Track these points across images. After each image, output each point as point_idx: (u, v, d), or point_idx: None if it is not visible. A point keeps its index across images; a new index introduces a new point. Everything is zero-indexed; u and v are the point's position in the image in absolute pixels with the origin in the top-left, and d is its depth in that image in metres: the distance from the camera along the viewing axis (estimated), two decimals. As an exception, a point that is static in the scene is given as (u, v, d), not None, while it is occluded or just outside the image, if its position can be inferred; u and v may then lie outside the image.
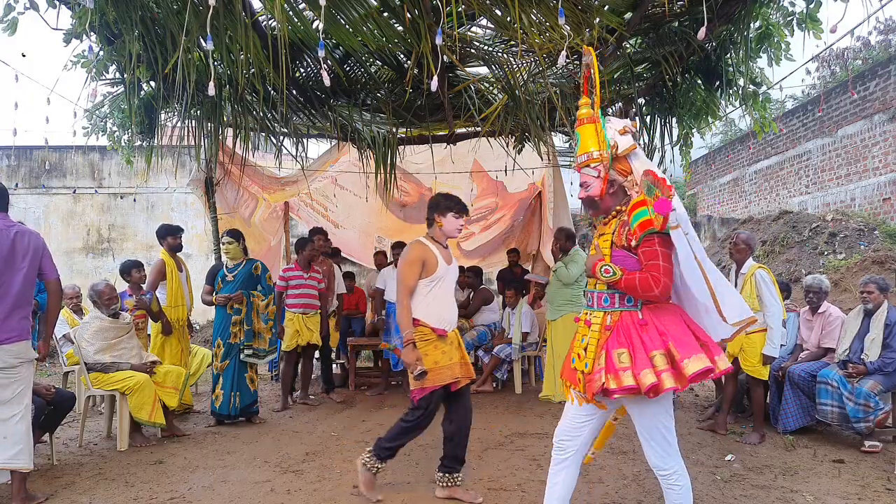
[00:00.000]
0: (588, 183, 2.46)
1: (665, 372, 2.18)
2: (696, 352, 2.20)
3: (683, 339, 2.23)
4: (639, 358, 2.22)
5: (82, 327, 4.62)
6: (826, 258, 8.98)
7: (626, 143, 2.40)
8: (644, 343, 2.24)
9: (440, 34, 2.79)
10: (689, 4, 4.16)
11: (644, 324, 2.28)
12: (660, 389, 2.18)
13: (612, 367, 2.25)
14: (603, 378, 2.25)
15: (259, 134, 5.55)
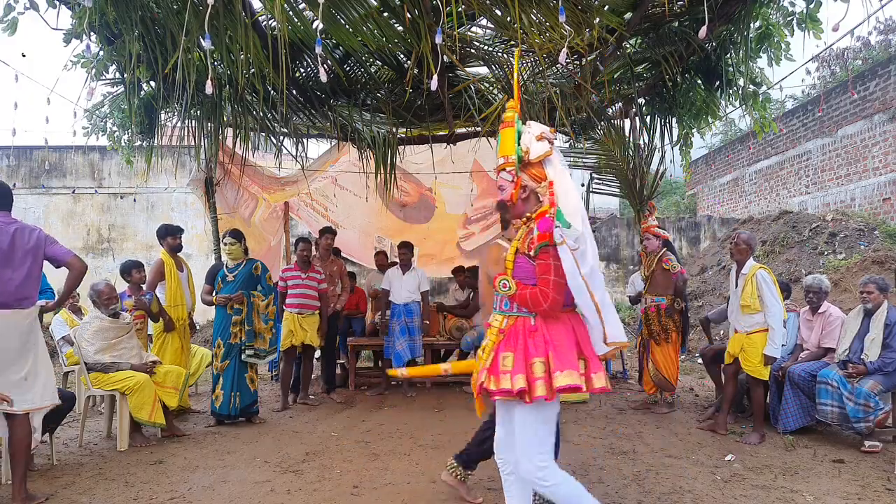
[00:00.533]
0: (503, 187, 2.47)
1: (540, 380, 2.21)
2: (571, 367, 2.22)
3: (564, 351, 2.26)
4: (518, 363, 2.26)
5: (82, 327, 4.61)
6: (826, 258, 8.98)
7: (541, 149, 2.39)
8: (528, 349, 2.28)
9: (440, 34, 2.80)
10: (689, 4, 4.17)
11: (534, 330, 2.31)
12: (531, 395, 2.21)
13: (496, 369, 2.30)
14: (484, 378, 2.32)
15: (259, 134, 5.55)
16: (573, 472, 3.81)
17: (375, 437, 4.68)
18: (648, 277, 5.54)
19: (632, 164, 5.93)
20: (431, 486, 3.58)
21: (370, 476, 3.79)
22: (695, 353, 8.08)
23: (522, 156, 2.41)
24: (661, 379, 5.39)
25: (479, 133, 5.90)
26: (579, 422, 5.15)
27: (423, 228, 8.48)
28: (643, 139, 5.85)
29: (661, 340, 5.34)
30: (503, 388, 2.25)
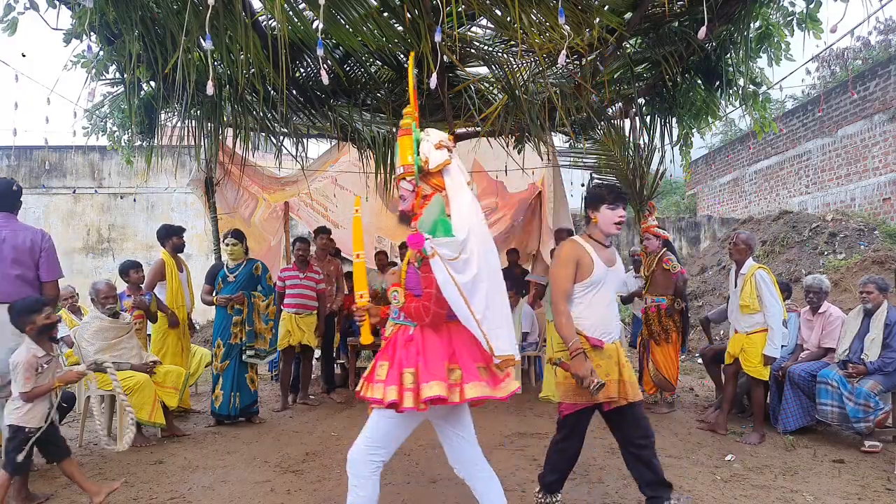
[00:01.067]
0: (404, 196, 2.44)
1: (409, 391, 2.22)
2: (438, 378, 2.21)
3: (433, 362, 2.24)
4: (392, 373, 2.27)
5: (82, 327, 4.61)
6: (826, 258, 8.98)
7: (440, 157, 2.36)
8: (401, 360, 2.28)
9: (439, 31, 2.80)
10: (689, 4, 4.17)
11: (410, 340, 2.31)
12: (399, 407, 2.23)
13: (372, 376, 2.34)
14: (362, 383, 2.36)
15: (259, 134, 5.55)
16: (573, 472, 3.81)
17: (375, 437, 4.68)
18: (648, 277, 5.54)
19: (632, 164, 5.93)
20: (431, 486, 3.58)
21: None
22: (695, 353, 8.08)
23: (422, 165, 2.37)
24: (661, 379, 5.39)
25: (479, 133, 5.90)
26: (579, 422, 5.15)
27: (423, 228, 8.48)
28: (643, 139, 5.85)
29: (662, 340, 5.34)
30: (373, 398, 2.29)
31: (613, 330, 2.93)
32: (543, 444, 4.42)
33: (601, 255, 2.91)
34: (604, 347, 2.85)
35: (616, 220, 2.91)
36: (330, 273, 6.26)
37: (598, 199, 2.92)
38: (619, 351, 2.91)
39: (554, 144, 6.66)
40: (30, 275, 3.42)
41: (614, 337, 2.93)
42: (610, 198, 2.89)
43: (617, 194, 2.92)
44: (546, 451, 3.13)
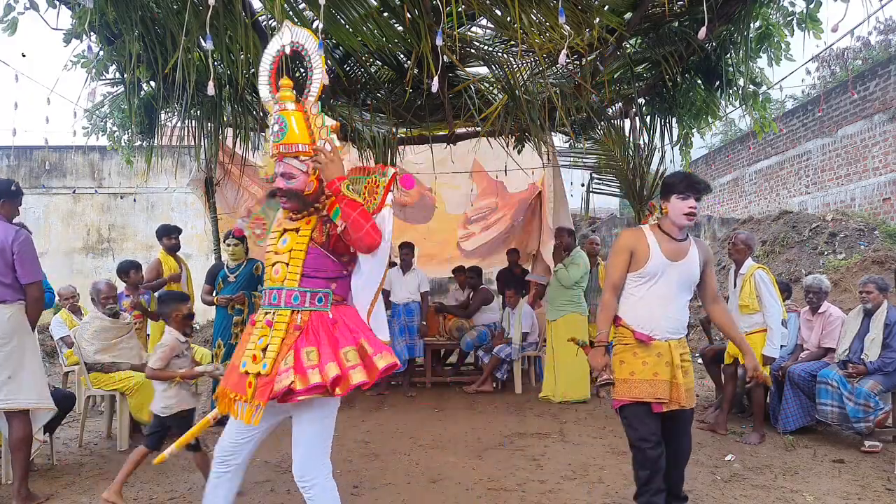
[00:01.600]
0: (292, 174, 2.26)
1: (356, 367, 2.14)
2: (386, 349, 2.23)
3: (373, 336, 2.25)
4: (324, 354, 2.16)
5: (82, 327, 4.61)
6: (826, 258, 8.98)
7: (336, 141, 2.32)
8: (336, 340, 2.19)
9: (440, 34, 2.80)
10: (689, 4, 4.17)
11: (334, 322, 2.24)
12: (346, 384, 2.12)
13: (301, 366, 2.13)
14: (291, 378, 2.10)
15: (259, 134, 5.55)
16: (573, 471, 3.82)
17: (375, 437, 4.68)
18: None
19: (632, 164, 5.93)
20: (431, 486, 3.58)
21: (370, 476, 3.79)
22: (695, 353, 8.08)
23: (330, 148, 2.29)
24: (661, 379, 5.38)
25: (479, 133, 5.91)
26: (579, 422, 5.15)
27: (423, 228, 8.48)
28: (643, 139, 5.85)
29: (662, 340, 5.34)
30: (312, 385, 2.09)
31: (671, 328, 2.78)
32: (544, 444, 4.44)
33: (664, 247, 2.78)
34: (650, 344, 2.73)
35: (686, 210, 2.74)
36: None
37: (669, 189, 2.80)
38: (672, 352, 2.76)
39: (554, 144, 6.66)
40: (6, 279, 3.29)
41: (671, 336, 2.78)
42: (681, 187, 2.75)
43: (689, 183, 2.75)
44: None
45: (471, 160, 7.31)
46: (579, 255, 5.97)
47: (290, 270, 2.25)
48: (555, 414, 5.41)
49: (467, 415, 5.47)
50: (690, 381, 2.83)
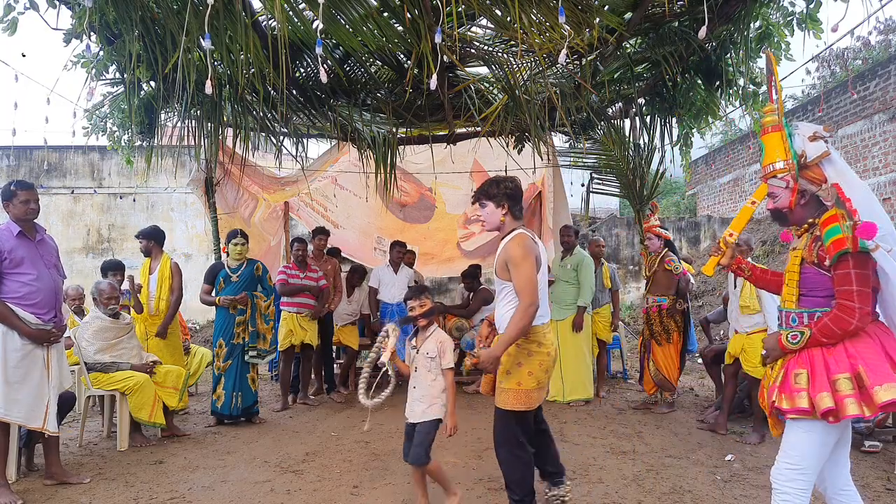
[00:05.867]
0: (776, 194, 2.29)
1: (849, 398, 2.02)
2: (891, 379, 2.00)
3: (876, 364, 2.05)
4: (818, 381, 2.08)
5: (82, 327, 4.62)
6: (826, 258, 8.97)
7: (817, 150, 2.22)
8: (828, 365, 2.10)
9: (439, 32, 2.80)
10: (689, 4, 4.17)
11: (832, 345, 2.12)
12: (839, 415, 2.03)
13: (787, 386, 2.16)
14: (775, 396, 2.18)
15: (259, 134, 5.55)
16: (573, 471, 3.81)
17: (375, 437, 4.68)
18: (650, 277, 5.55)
19: (632, 164, 5.93)
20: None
21: (370, 476, 3.79)
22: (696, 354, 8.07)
23: (798, 160, 2.24)
24: (661, 379, 5.40)
25: (479, 133, 5.90)
26: (579, 422, 5.15)
27: (423, 228, 8.48)
28: (643, 139, 5.85)
29: (663, 340, 5.35)
30: (799, 408, 2.09)
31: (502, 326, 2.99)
32: (543, 444, 4.43)
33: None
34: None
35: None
36: (327, 273, 6.26)
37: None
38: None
39: (554, 144, 6.65)
40: None
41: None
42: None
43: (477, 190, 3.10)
44: None
45: (471, 160, 7.31)
46: (588, 258, 5.93)
47: (787, 291, 2.27)
48: (555, 414, 5.40)
49: (467, 415, 5.46)
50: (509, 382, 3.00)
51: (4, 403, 3.34)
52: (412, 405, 3.12)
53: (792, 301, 2.26)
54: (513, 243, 2.94)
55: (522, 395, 2.92)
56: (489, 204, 3.03)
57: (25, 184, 3.55)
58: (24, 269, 3.43)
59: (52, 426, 3.52)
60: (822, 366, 2.10)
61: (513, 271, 2.87)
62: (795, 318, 2.23)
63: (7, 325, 3.37)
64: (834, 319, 2.08)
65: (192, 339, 7.98)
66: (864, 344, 2.09)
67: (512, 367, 2.91)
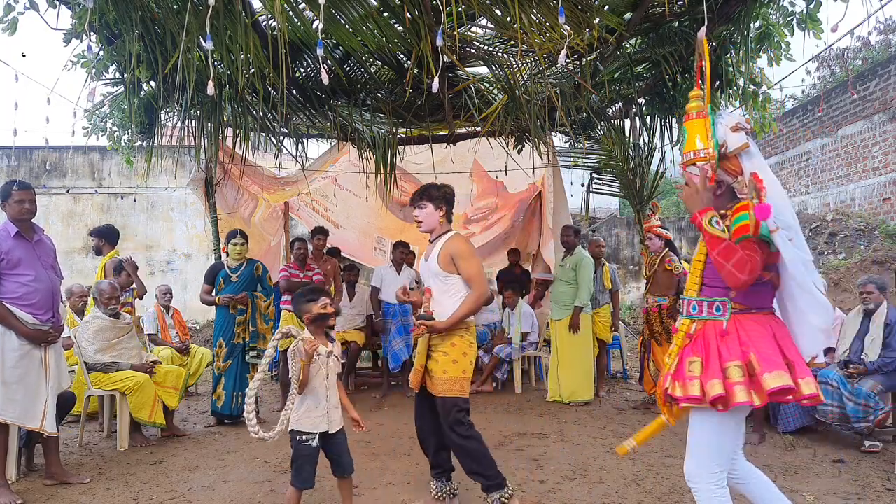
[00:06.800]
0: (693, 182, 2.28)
1: (738, 385, 2.05)
2: (779, 368, 2.04)
3: (767, 353, 2.08)
4: (710, 368, 2.11)
5: (82, 327, 4.62)
6: (826, 258, 8.98)
7: (738, 140, 2.22)
8: (720, 353, 2.13)
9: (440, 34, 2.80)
10: (689, 4, 4.17)
11: (725, 334, 2.16)
12: (729, 401, 2.05)
13: (681, 374, 2.18)
14: (669, 382, 2.20)
15: (259, 134, 5.55)
16: (573, 471, 3.82)
17: (375, 437, 4.68)
18: (650, 277, 5.54)
19: (632, 164, 5.93)
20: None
21: (370, 476, 3.78)
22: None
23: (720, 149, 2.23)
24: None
25: (479, 133, 5.90)
26: (579, 422, 5.15)
27: (422, 228, 8.47)
28: (643, 139, 5.85)
29: (663, 340, 5.35)
30: (691, 395, 2.10)
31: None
32: (544, 444, 4.44)
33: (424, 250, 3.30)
34: None
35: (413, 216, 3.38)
36: (327, 272, 6.27)
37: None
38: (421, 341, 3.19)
39: (554, 144, 6.65)
40: None
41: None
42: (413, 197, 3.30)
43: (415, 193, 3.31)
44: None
45: (471, 160, 7.31)
46: (586, 258, 5.93)
47: (692, 280, 2.29)
48: (555, 414, 5.40)
49: (467, 415, 5.46)
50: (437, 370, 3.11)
51: (1, 403, 3.34)
52: (329, 413, 2.89)
53: (694, 290, 2.29)
54: (458, 240, 3.20)
55: (465, 382, 3.12)
56: (429, 205, 3.21)
57: (22, 184, 3.54)
58: (21, 270, 3.43)
59: (51, 426, 3.51)
60: (716, 354, 2.13)
61: (462, 264, 3.12)
62: (696, 307, 2.27)
63: (5, 326, 3.37)
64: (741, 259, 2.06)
65: (192, 339, 7.97)
66: (756, 333, 2.13)
67: (458, 357, 3.09)
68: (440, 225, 3.25)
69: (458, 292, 3.12)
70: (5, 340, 3.37)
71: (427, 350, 3.16)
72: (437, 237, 3.24)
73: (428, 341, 3.16)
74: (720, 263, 2.09)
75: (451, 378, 3.07)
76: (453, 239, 3.19)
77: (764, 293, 2.21)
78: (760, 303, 2.20)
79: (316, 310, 2.88)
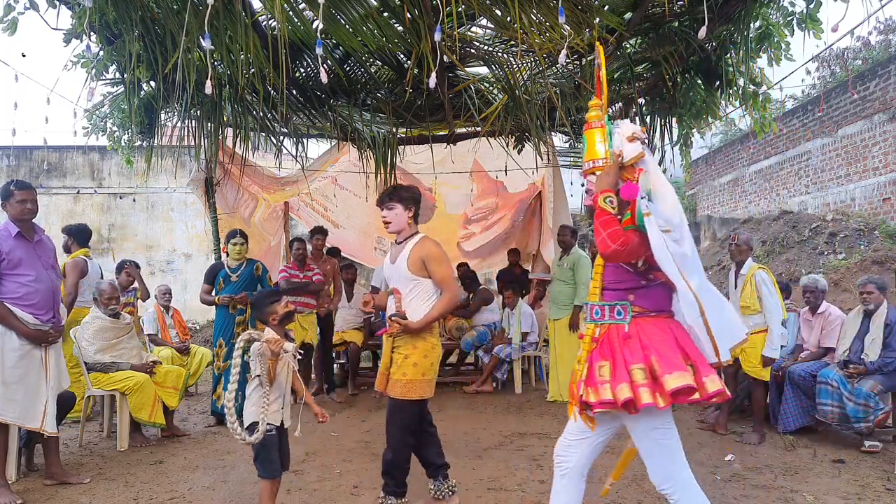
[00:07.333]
0: (592, 191, 2.34)
1: (643, 387, 2.08)
2: (679, 369, 2.09)
3: (667, 354, 2.13)
4: (618, 372, 2.15)
5: (82, 327, 4.61)
6: (826, 258, 8.99)
7: (634, 150, 2.26)
8: (625, 357, 2.17)
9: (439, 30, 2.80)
10: (689, 4, 4.16)
11: (627, 337, 2.21)
12: (636, 404, 2.08)
13: (592, 379, 2.21)
14: (583, 389, 2.22)
15: (259, 134, 5.55)
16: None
17: (375, 437, 4.68)
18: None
19: (632, 165, 5.91)
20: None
21: (370, 476, 3.78)
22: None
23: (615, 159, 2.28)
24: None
25: (479, 133, 5.90)
26: (579, 422, 5.15)
27: (423, 228, 8.43)
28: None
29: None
30: (605, 399, 2.13)
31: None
32: (544, 444, 4.44)
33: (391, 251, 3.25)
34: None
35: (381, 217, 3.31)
36: (326, 272, 6.27)
37: None
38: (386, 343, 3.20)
39: (554, 144, 6.65)
40: None
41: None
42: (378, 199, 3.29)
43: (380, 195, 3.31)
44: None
45: (471, 160, 7.31)
46: (583, 258, 5.93)
47: (594, 285, 2.33)
48: (555, 414, 5.40)
49: (467, 415, 5.47)
50: (396, 373, 3.10)
51: (1, 403, 3.34)
52: (285, 408, 2.97)
53: (596, 294, 2.34)
54: (429, 243, 3.17)
55: (425, 384, 3.11)
56: (398, 206, 3.18)
57: (23, 184, 3.55)
58: (22, 270, 3.43)
59: (51, 426, 3.51)
60: (621, 357, 2.18)
61: (434, 267, 3.11)
62: (598, 311, 2.31)
63: (5, 326, 3.37)
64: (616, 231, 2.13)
65: (192, 339, 7.97)
66: (657, 337, 2.18)
67: (419, 360, 3.09)
68: (408, 226, 3.22)
69: (427, 295, 3.11)
70: (6, 340, 3.37)
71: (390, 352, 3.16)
72: (405, 239, 3.21)
73: (392, 343, 3.14)
74: (598, 231, 2.17)
75: (411, 381, 3.07)
76: (424, 242, 3.16)
77: (661, 295, 2.26)
78: (659, 305, 2.26)
79: (281, 309, 2.94)
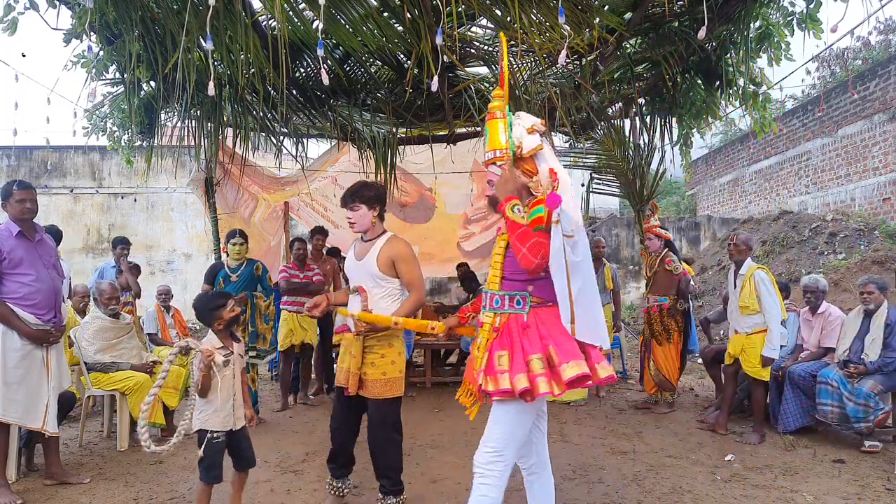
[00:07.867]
0: (493, 181, 2.40)
1: (541, 377, 2.13)
2: (576, 357, 2.14)
3: (564, 343, 2.18)
4: (516, 361, 2.18)
5: (82, 327, 4.62)
6: (826, 258, 8.99)
7: (533, 142, 2.31)
8: (524, 346, 2.20)
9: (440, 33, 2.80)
10: (689, 4, 4.16)
11: (526, 327, 2.24)
12: (534, 393, 2.12)
13: (492, 368, 2.23)
14: (481, 379, 2.25)
15: (259, 134, 5.55)
16: (573, 471, 3.82)
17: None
18: (651, 277, 5.55)
19: (632, 164, 5.93)
20: (432, 485, 3.58)
21: (370, 476, 3.78)
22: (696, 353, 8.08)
23: (515, 150, 2.34)
24: (661, 379, 5.40)
25: (479, 133, 5.90)
26: (579, 422, 5.15)
27: (423, 228, 8.49)
28: (643, 139, 5.85)
29: (663, 340, 5.35)
30: (503, 389, 2.16)
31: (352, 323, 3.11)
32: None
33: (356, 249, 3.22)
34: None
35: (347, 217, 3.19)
36: (326, 272, 6.27)
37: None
38: (353, 343, 3.14)
39: (554, 144, 6.65)
40: None
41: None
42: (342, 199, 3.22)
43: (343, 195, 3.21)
44: None
45: (471, 160, 7.31)
46: None
47: (493, 274, 2.35)
48: (555, 414, 5.40)
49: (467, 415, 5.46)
50: (374, 373, 3.13)
51: (3, 403, 3.34)
52: (235, 411, 2.97)
53: (495, 283, 2.35)
54: (400, 243, 3.15)
55: (402, 381, 3.20)
56: (362, 206, 3.14)
57: (23, 183, 3.55)
58: (23, 270, 3.43)
59: (52, 426, 3.52)
60: (520, 347, 2.21)
61: (404, 268, 3.10)
62: (498, 300, 2.33)
63: (7, 326, 3.37)
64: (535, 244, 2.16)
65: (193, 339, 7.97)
66: (554, 326, 2.22)
67: (396, 357, 3.15)
68: (374, 226, 3.18)
69: (395, 295, 3.11)
70: (7, 340, 3.38)
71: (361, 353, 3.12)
72: (372, 238, 3.18)
73: (362, 344, 3.11)
74: (517, 247, 2.19)
75: (391, 379, 3.12)
76: (394, 242, 3.14)
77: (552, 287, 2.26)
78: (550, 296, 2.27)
79: (226, 315, 2.96)
